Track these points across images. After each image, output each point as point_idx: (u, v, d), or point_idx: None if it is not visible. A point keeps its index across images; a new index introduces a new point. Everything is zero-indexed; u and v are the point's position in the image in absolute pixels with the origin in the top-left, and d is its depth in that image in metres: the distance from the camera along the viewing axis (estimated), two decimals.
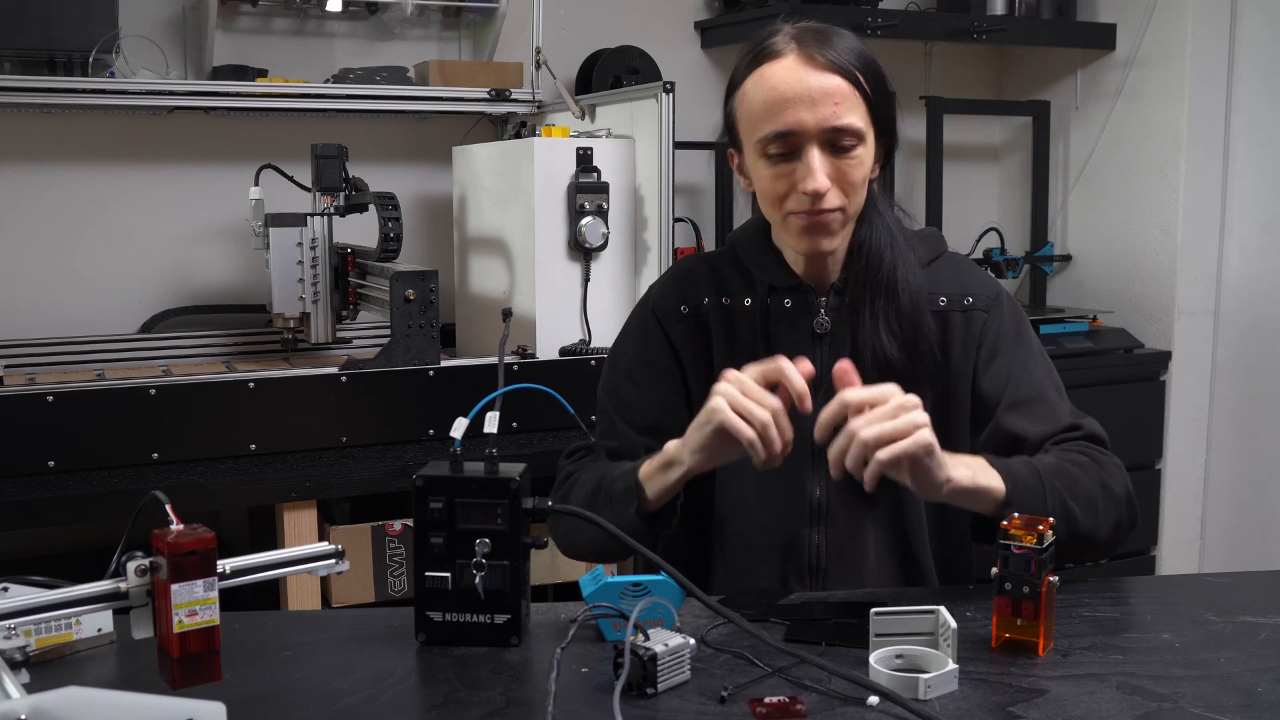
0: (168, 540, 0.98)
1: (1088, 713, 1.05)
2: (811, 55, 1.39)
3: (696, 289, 1.56)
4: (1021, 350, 1.51)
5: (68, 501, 2.05)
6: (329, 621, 1.32)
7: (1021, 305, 3.63)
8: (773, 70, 1.40)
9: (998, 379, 1.49)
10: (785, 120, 1.38)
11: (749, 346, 1.51)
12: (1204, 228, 3.37)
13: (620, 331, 1.65)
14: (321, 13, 2.92)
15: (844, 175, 1.40)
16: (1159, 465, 3.39)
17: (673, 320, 1.56)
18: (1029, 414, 1.46)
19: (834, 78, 1.38)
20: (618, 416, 1.56)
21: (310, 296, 2.58)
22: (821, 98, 1.37)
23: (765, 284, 1.52)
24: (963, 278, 1.53)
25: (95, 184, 2.79)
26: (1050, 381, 1.50)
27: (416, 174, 3.06)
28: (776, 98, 1.39)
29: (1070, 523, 1.34)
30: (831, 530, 1.48)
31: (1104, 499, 1.39)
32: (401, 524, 2.31)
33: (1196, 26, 3.28)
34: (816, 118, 1.37)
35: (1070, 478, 1.37)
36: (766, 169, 1.42)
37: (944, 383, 1.49)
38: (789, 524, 1.49)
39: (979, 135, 3.82)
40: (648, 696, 1.08)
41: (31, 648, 1.15)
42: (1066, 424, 1.46)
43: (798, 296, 1.51)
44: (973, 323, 1.50)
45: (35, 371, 2.57)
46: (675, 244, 2.61)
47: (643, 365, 1.57)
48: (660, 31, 3.30)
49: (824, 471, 1.47)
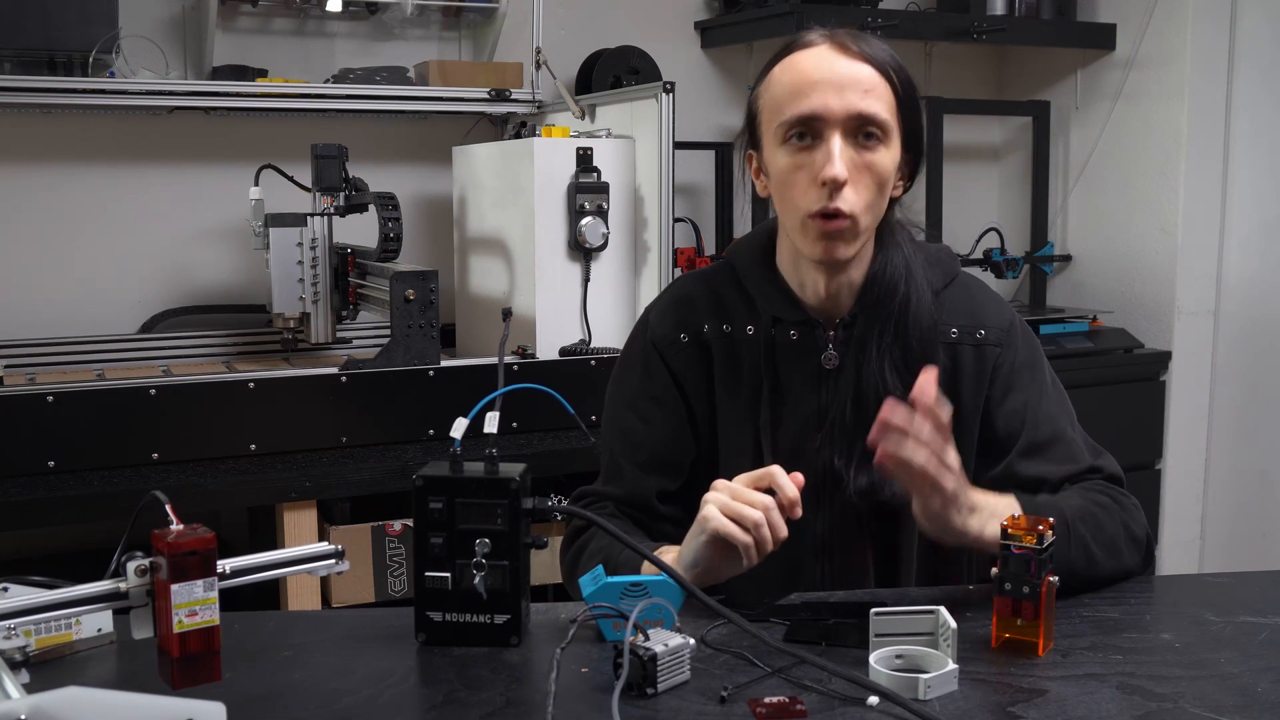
0: (168, 540, 0.98)
1: (1088, 713, 1.05)
2: (845, 45, 1.37)
3: (696, 316, 1.52)
4: (1036, 385, 1.48)
5: (68, 501, 2.05)
6: (329, 621, 1.32)
7: (1021, 306, 3.60)
8: (803, 56, 1.38)
9: (1013, 418, 1.46)
10: (811, 103, 1.35)
11: (752, 377, 1.48)
12: (1204, 228, 3.37)
13: (619, 361, 1.60)
14: (321, 13, 2.92)
15: (864, 173, 1.36)
16: (1159, 465, 3.39)
17: (673, 350, 1.52)
18: (1049, 458, 1.44)
19: (865, 66, 1.36)
20: (625, 460, 1.52)
21: (310, 296, 2.58)
22: (850, 83, 1.35)
23: (768, 314, 1.48)
24: (974, 307, 1.49)
25: (95, 184, 2.79)
26: (1066, 416, 1.48)
27: (416, 174, 3.06)
28: (804, 80, 1.36)
29: (1093, 567, 1.34)
30: (833, 562, 1.47)
31: (1126, 542, 1.39)
32: (401, 524, 2.31)
33: (1196, 26, 3.28)
34: (843, 103, 1.34)
35: (1095, 522, 1.36)
36: (786, 157, 1.38)
37: (951, 420, 1.48)
38: (792, 555, 1.47)
39: (979, 135, 3.82)
40: (648, 696, 1.08)
41: (31, 648, 1.15)
42: (1087, 465, 1.44)
43: (804, 329, 1.47)
44: (985, 357, 1.47)
45: (35, 371, 2.57)
46: (675, 244, 2.61)
47: (648, 400, 1.52)
48: (660, 31, 3.30)
49: (829, 507, 1.46)
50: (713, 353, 1.51)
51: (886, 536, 1.48)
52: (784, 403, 1.47)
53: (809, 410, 1.46)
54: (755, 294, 1.50)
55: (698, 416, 1.52)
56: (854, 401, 1.44)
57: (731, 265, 1.54)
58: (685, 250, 3.05)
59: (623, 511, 1.51)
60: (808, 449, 1.46)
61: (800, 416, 1.47)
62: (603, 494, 1.53)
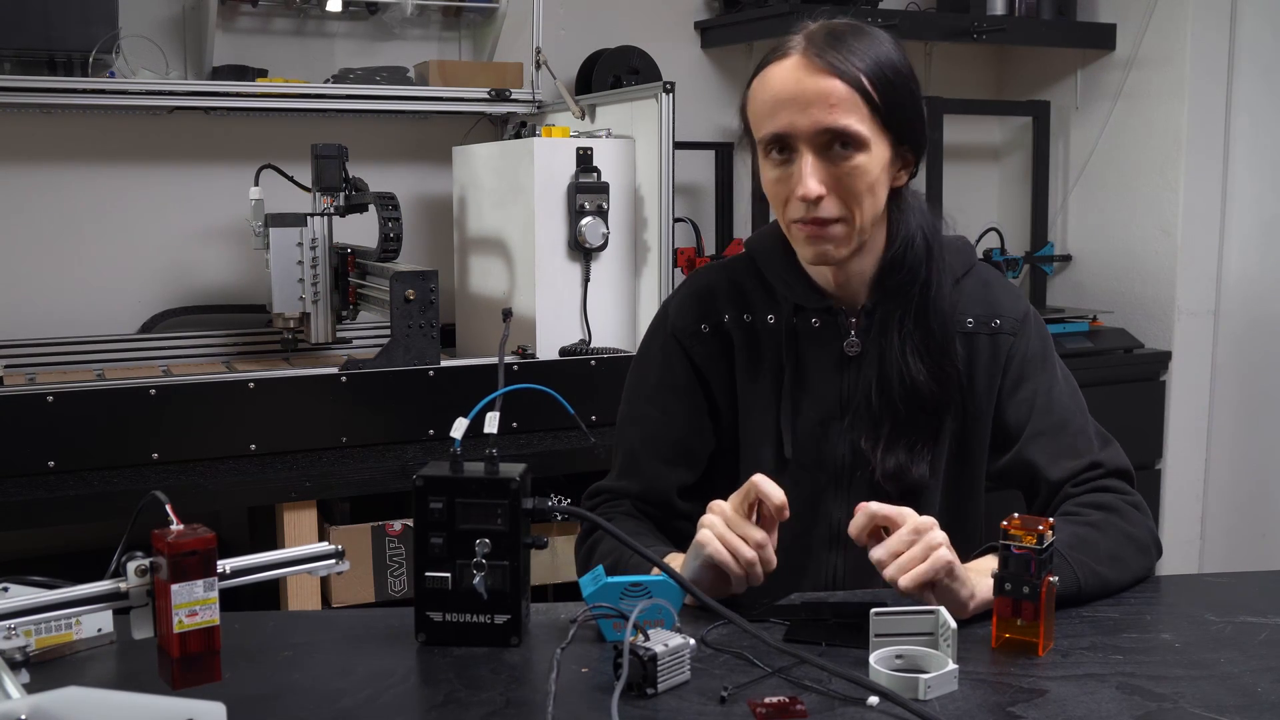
0: (168, 540, 0.98)
1: (1088, 713, 1.05)
2: (813, 58, 1.35)
3: (716, 305, 1.53)
4: (1047, 375, 1.49)
5: (68, 501, 2.05)
6: (329, 621, 1.32)
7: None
8: (774, 71, 1.38)
9: (1022, 406, 1.47)
10: (779, 123, 1.36)
11: (774, 366, 1.49)
12: (1204, 228, 3.37)
13: (637, 356, 1.60)
14: (321, 13, 2.92)
15: (842, 182, 1.36)
16: (1159, 465, 3.39)
17: (694, 340, 1.52)
18: (1052, 447, 1.45)
19: (831, 80, 1.34)
20: (645, 451, 1.52)
21: (310, 296, 2.58)
22: (815, 100, 1.34)
23: (790, 302, 1.49)
24: (991, 297, 1.50)
25: (95, 184, 2.79)
26: (1075, 405, 1.48)
27: (416, 174, 3.06)
28: (772, 99, 1.37)
29: (1105, 587, 1.34)
30: (850, 554, 1.47)
31: (1130, 550, 1.38)
32: (401, 524, 2.31)
33: (1196, 26, 3.28)
34: (809, 120, 1.34)
35: (1090, 545, 1.35)
36: (770, 170, 1.40)
37: (968, 407, 1.48)
38: (809, 546, 1.48)
39: (979, 135, 3.82)
40: (648, 696, 1.08)
41: (31, 648, 1.15)
42: (1089, 461, 1.44)
43: (827, 317, 1.48)
44: (999, 346, 1.48)
45: (35, 371, 2.57)
46: (675, 244, 2.61)
47: (668, 391, 1.53)
48: (660, 31, 3.30)
49: (847, 496, 1.47)
50: (734, 342, 1.51)
51: None
52: (805, 390, 1.48)
53: (831, 397, 1.47)
54: (776, 283, 1.50)
55: (720, 407, 1.52)
56: (878, 386, 1.45)
57: (750, 256, 1.55)
58: (685, 250, 3.04)
59: (640, 510, 1.51)
60: (829, 436, 1.47)
61: (822, 404, 1.48)
62: (619, 490, 1.53)
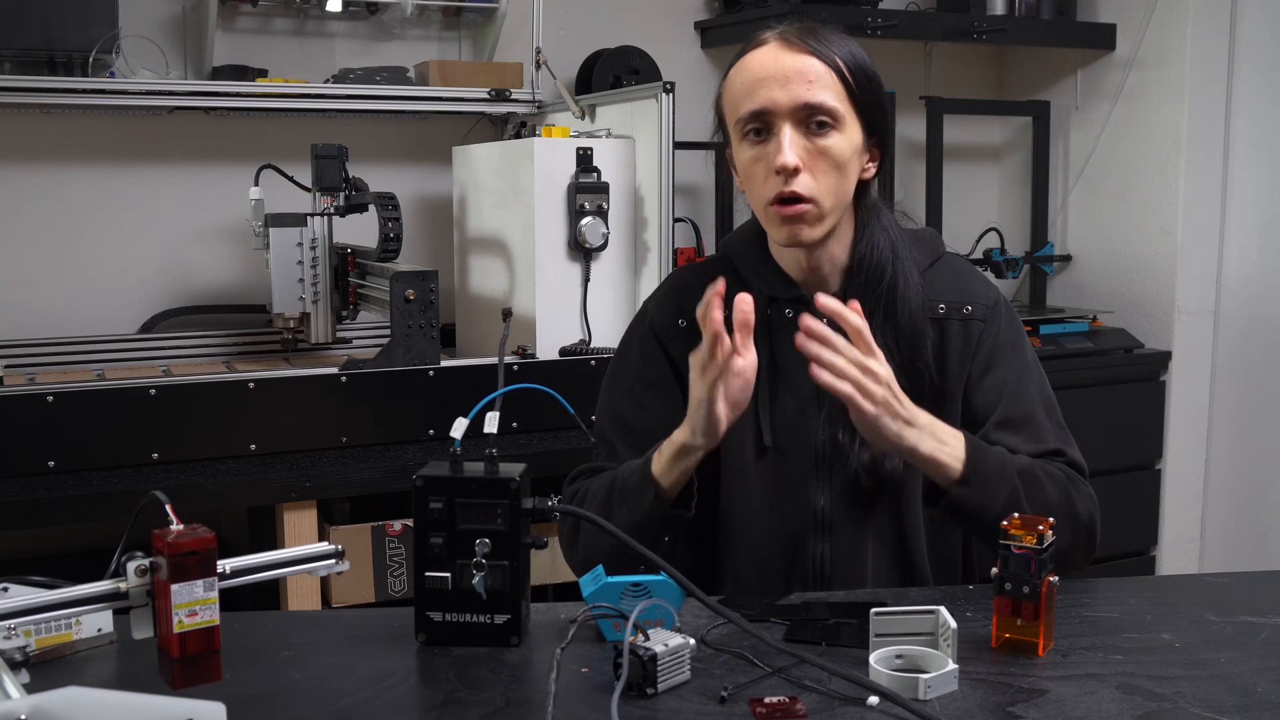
0: (168, 540, 0.98)
1: (1088, 713, 1.05)
2: (790, 40, 1.43)
3: (693, 302, 1.51)
4: (1017, 363, 1.51)
5: (68, 501, 2.05)
6: (329, 621, 1.33)
7: (1021, 306, 3.60)
8: (752, 55, 1.45)
9: (990, 393, 1.49)
10: (759, 99, 1.42)
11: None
12: (1204, 228, 3.37)
13: (617, 351, 1.64)
14: (321, 13, 2.92)
15: (818, 156, 1.41)
16: (1159, 465, 3.39)
17: (671, 336, 1.56)
18: (1019, 434, 1.47)
19: (809, 59, 1.42)
20: (621, 443, 1.54)
21: (310, 296, 2.58)
22: (795, 76, 1.41)
23: (765, 294, 1.52)
24: (961, 284, 1.53)
25: (95, 184, 2.79)
26: (1042, 400, 1.51)
27: (416, 174, 3.06)
28: (753, 78, 1.43)
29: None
30: (835, 540, 1.49)
31: (1064, 515, 1.37)
32: (401, 524, 2.31)
33: (1196, 26, 3.28)
34: (789, 95, 1.40)
35: (1036, 483, 1.38)
36: (746, 151, 1.45)
37: (939, 393, 1.49)
38: (794, 533, 1.49)
39: (979, 135, 3.82)
40: (648, 696, 1.08)
41: (31, 648, 1.15)
42: (1052, 448, 1.47)
43: (799, 307, 1.50)
44: (970, 332, 1.51)
45: (35, 371, 2.57)
46: (675, 244, 2.61)
47: (644, 385, 1.56)
48: (660, 31, 3.30)
49: (828, 483, 1.49)
50: None
51: (889, 514, 1.50)
52: (782, 380, 1.51)
53: (808, 386, 1.47)
54: (751, 276, 1.54)
55: None
56: None
57: (726, 254, 1.59)
58: (685, 250, 3.05)
59: None
60: (807, 424, 1.49)
61: (799, 392, 1.50)
62: (601, 468, 1.55)
